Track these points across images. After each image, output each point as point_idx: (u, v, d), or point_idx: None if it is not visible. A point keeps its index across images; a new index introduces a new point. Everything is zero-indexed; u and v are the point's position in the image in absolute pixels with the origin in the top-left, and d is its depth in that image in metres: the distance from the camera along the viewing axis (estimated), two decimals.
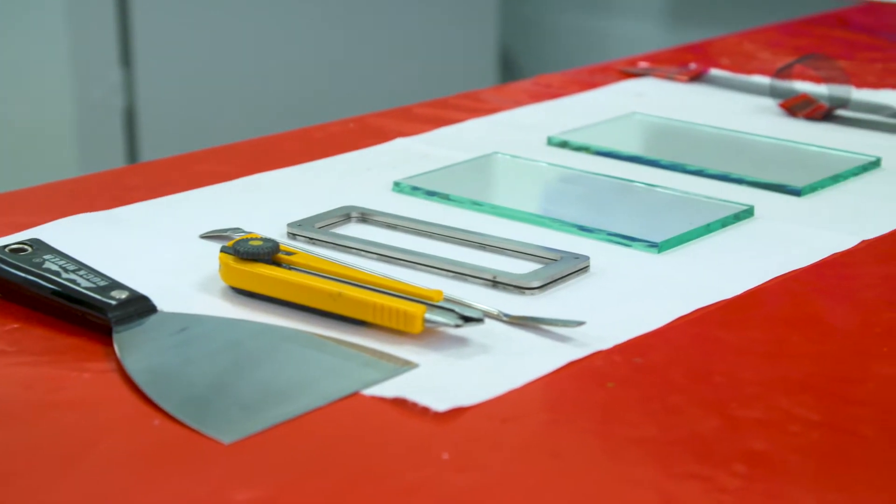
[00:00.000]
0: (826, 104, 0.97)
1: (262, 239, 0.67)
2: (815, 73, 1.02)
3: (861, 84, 1.05)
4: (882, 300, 0.69)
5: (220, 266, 0.67)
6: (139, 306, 0.63)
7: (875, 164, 0.87)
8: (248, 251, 0.66)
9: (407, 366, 0.60)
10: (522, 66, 3.11)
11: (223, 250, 0.67)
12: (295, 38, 2.50)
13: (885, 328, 0.65)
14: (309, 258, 0.67)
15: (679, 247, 0.74)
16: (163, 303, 0.64)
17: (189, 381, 0.58)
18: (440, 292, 0.63)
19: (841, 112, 0.98)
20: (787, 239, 0.75)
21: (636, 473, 0.52)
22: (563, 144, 0.91)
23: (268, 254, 0.66)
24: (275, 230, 0.75)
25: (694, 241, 0.75)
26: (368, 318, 0.63)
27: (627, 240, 0.74)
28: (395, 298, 0.63)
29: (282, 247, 0.67)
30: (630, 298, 0.68)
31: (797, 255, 0.73)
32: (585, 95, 1.04)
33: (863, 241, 0.75)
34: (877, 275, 0.72)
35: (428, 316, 0.62)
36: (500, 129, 0.94)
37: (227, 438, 0.54)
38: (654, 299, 0.67)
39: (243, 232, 0.73)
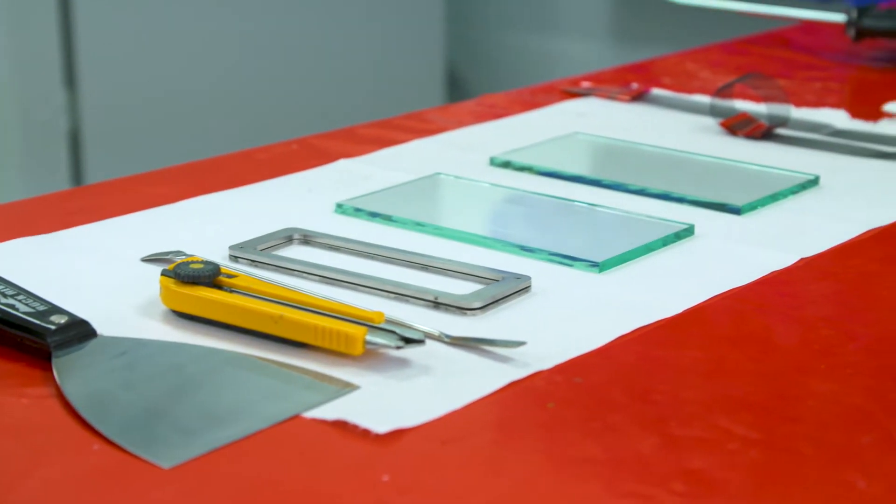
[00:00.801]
0: (766, 123, 0.98)
1: (202, 262, 0.67)
2: (755, 92, 1.03)
3: (800, 103, 1.06)
4: (820, 317, 0.69)
5: (160, 289, 0.67)
6: (79, 331, 0.63)
7: (813, 182, 0.88)
8: (189, 274, 0.66)
9: (348, 388, 0.60)
10: (469, 86, 3.12)
11: (164, 273, 0.67)
12: (240, 60, 2.50)
13: (823, 345, 0.66)
14: (250, 280, 0.67)
15: (620, 266, 0.74)
16: (103, 327, 0.64)
17: (129, 406, 0.58)
18: (381, 314, 0.63)
19: (780, 131, 0.99)
20: (727, 257, 0.76)
21: (578, 493, 0.52)
22: (506, 164, 0.91)
23: (208, 277, 0.66)
24: (217, 253, 0.75)
25: (635, 260, 0.75)
26: (309, 340, 0.63)
27: (569, 259, 0.74)
28: (336, 320, 0.63)
29: (223, 269, 0.67)
30: (571, 318, 0.68)
31: (737, 273, 0.73)
32: (528, 115, 1.04)
33: (801, 259, 0.76)
34: (815, 292, 0.73)
35: (369, 338, 0.62)
36: (444, 149, 0.95)
37: (166, 463, 0.54)
38: (594, 319, 0.68)
39: (185, 255, 0.73)
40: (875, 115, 1.03)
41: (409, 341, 0.62)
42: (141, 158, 2.28)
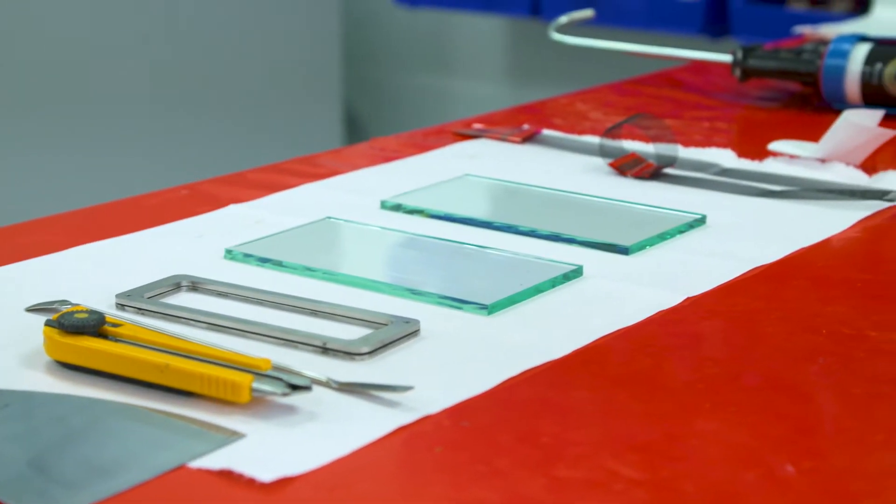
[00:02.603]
0: (654, 163, 0.99)
1: (87, 311, 0.66)
2: (643, 132, 1.05)
3: (688, 143, 1.08)
4: (705, 357, 0.70)
5: (44, 340, 0.66)
6: None
7: (700, 221, 0.89)
8: (73, 324, 0.65)
9: (234, 436, 0.59)
10: (368, 128, 3.13)
11: (48, 324, 0.66)
12: (132, 95, 2.48)
13: (707, 384, 0.67)
14: (136, 329, 0.66)
15: (509, 308, 0.75)
16: None
17: (11, 461, 0.57)
18: (268, 361, 0.63)
19: (668, 170, 1.00)
20: (615, 297, 0.77)
21: None
22: (397, 208, 0.91)
23: (93, 326, 0.65)
24: (104, 301, 0.74)
25: (524, 302, 0.76)
26: (196, 388, 0.62)
27: (458, 302, 0.74)
28: (222, 368, 0.62)
29: (108, 318, 0.66)
30: (459, 361, 0.68)
31: (624, 313, 0.74)
32: (420, 158, 1.04)
33: (688, 298, 0.77)
34: (701, 331, 0.74)
35: (255, 385, 0.62)
36: (335, 193, 0.95)
37: None
38: (483, 361, 0.68)
39: (70, 304, 0.72)
40: (761, 153, 1.05)
41: (295, 388, 0.62)
42: (23, 207, 2.25)
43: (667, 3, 2.43)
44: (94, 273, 0.79)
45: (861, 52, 1.18)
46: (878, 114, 1.02)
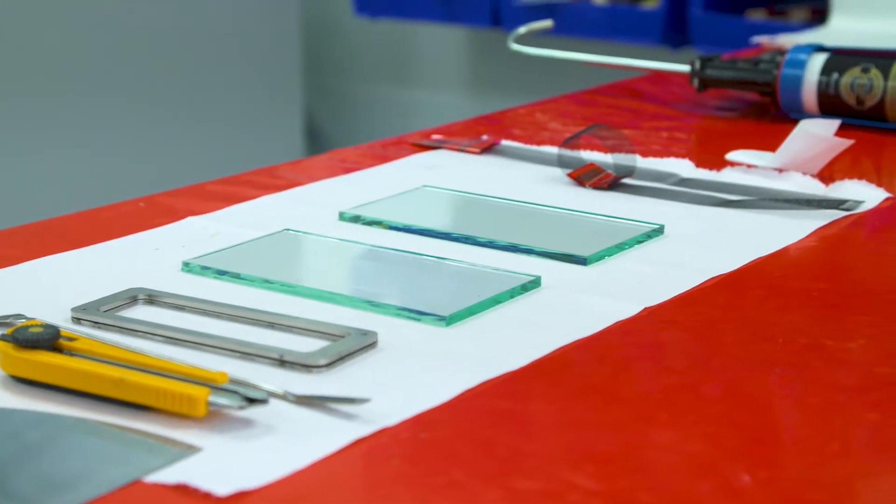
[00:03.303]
0: (612, 173, 0.99)
1: (42, 325, 0.66)
2: (601, 142, 1.05)
3: (647, 153, 1.08)
4: (663, 367, 0.70)
5: None
6: None
7: (658, 231, 0.89)
8: (27, 338, 0.65)
9: (190, 450, 0.59)
10: (330, 139, 3.12)
11: (2, 338, 0.66)
12: (92, 104, 2.47)
13: (664, 395, 0.67)
14: (91, 343, 0.66)
15: (467, 319, 0.75)
16: None
17: None
18: (224, 374, 0.63)
19: (627, 180, 1.00)
20: (573, 308, 0.77)
21: None
22: (356, 219, 0.91)
23: (48, 340, 0.65)
24: (60, 315, 0.73)
25: (482, 313, 0.76)
26: (151, 402, 0.62)
27: (416, 314, 0.74)
28: (178, 382, 0.62)
29: (63, 332, 0.66)
30: (417, 373, 0.68)
31: (582, 323, 0.74)
32: (379, 169, 1.04)
33: (646, 308, 0.77)
34: (657, 342, 0.74)
35: (211, 399, 0.61)
36: (294, 205, 0.95)
37: None
38: (441, 373, 0.68)
39: (25, 318, 0.72)
40: (719, 163, 1.05)
41: (252, 401, 0.62)
42: None
43: (626, 14, 2.44)
44: (50, 287, 0.78)
45: (817, 61, 1.18)
46: (834, 123, 1.03)
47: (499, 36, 2.64)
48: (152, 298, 0.76)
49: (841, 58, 1.19)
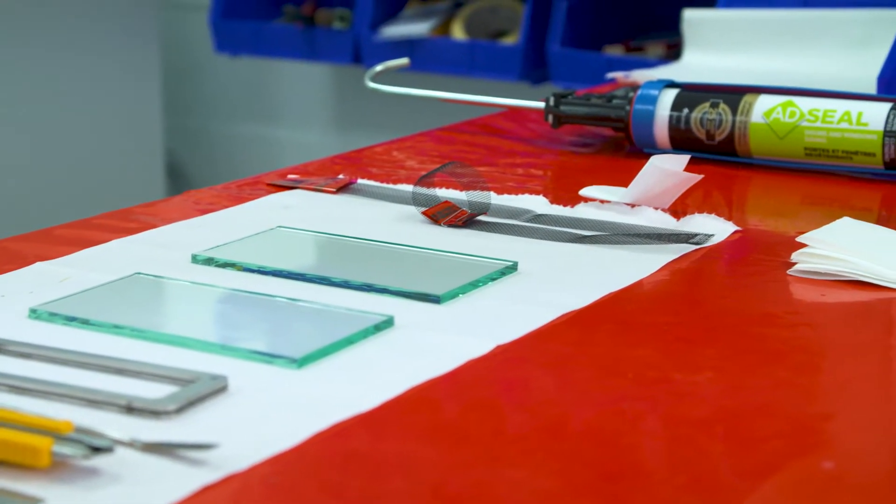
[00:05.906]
0: (467, 210, 1.00)
1: None
2: (456, 180, 1.05)
3: (502, 189, 1.09)
4: (512, 404, 0.71)
5: None
6: None
7: (512, 268, 0.90)
8: None
9: (33, 502, 0.58)
10: (193, 179, 3.10)
11: None
12: None
13: (516, 433, 0.67)
14: None
15: (320, 361, 0.74)
16: None
17: None
18: (69, 423, 0.62)
19: (482, 218, 1.01)
20: (425, 347, 0.77)
21: None
22: (209, 261, 0.90)
23: None
24: None
25: (335, 354, 0.75)
26: None
27: (267, 357, 0.74)
28: (20, 432, 0.61)
29: None
30: (268, 416, 0.67)
31: (434, 363, 0.74)
32: (233, 210, 1.04)
33: (498, 346, 0.77)
34: (508, 379, 0.74)
35: (55, 449, 0.60)
36: (146, 248, 0.93)
37: None
38: (292, 416, 0.67)
39: None
40: (574, 199, 1.06)
41: (97, 450, 0.61)
42: None
43: (486, 50, 2.46)
44: None
45: (668, 97, 1.20)
46: (684, 158, 1.04)
47: (360, 73, 2.64)
48: None
49: (691, 93, 1.21)
